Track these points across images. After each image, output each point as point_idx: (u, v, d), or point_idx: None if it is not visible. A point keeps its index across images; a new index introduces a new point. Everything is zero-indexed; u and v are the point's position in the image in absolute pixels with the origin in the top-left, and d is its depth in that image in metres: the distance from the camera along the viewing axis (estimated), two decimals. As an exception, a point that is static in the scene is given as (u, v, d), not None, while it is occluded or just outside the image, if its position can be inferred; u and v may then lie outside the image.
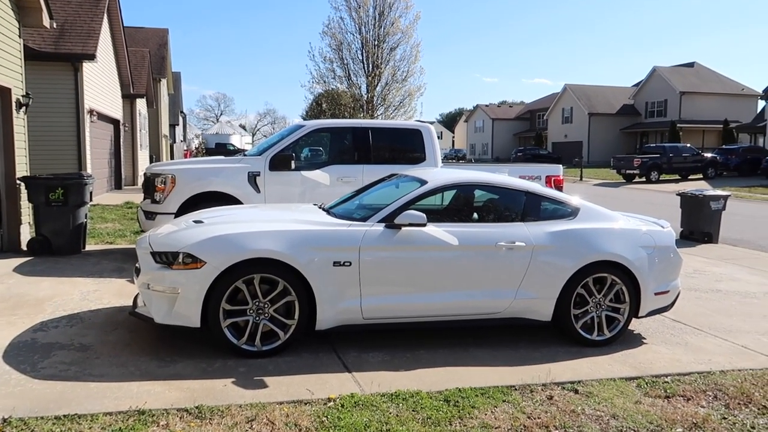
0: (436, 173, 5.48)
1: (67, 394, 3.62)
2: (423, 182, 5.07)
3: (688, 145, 33.57)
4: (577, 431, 3.45)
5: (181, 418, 3.37)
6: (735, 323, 5.82)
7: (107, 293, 6.07)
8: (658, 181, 29.39)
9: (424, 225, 4.59)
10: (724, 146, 35.90)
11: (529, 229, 4.92)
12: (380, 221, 4.67)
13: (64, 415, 3.32)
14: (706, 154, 31.75)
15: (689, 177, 30.77)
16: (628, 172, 30.45)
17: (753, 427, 3.60)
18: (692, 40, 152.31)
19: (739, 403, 3.93)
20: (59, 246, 8.07)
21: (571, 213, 5.16)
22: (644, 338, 5.25)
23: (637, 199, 21.59)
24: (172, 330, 4.54)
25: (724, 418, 3.71)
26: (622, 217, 5.39)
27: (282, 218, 4.83)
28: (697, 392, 4.10)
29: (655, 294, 5.14)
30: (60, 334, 4.76)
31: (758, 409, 3.86)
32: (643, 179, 29.88)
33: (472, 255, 4.73)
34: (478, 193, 5.46)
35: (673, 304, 5.40)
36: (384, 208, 4.77)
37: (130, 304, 5.47)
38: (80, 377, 3.89)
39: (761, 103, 41.20)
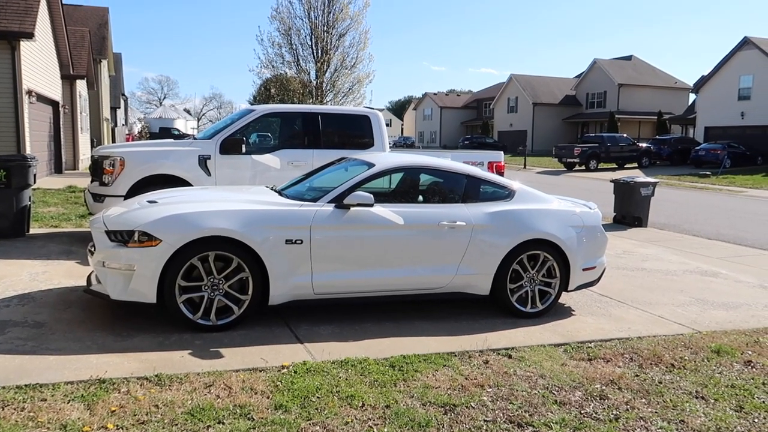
0: (383, 157, 5.77)
1: (26, 366, 3.74)
2: (370, 165, 5.35)
3: (625, 135, 35.20)
4: (508, 389, 3.83)
5: (141, 385, 3.55)
6: (655, 297, 6.39)
7: (57, 274, 6.09)
8: (596, 170, 30.74)
9: (371, 205, 4.87)
10: (657, 137, 37.79)
11: (469, 210, 5.28)
12: (330, 201, 4.92)
13: (26, 385, 3.45)
14: (641, 144, 33.41)
15: (625, 166, 32.30)
16: (568, 160, 31.71)
17: (660, 382, 4.09)
18: (631, 33, 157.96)
19: (651, 363, 4.42)
20: (2, 229, 7.92)
21: (508, 195, 5.56)
22: (573, 310, 5.73)
23: (576, 186, 22.58)
24: (126, 307, 4.67)
25: (637, 375, 4.19)
26: (555, 199, 5.83)
27: (235, 198, 5.02)
28: (616, 355, 4.58)
29: (583, 270, 5.62)
30: (12, 312, 4.81)
31: (666, 367, 4.36)
32: (583, 167, 31.19)
33: (417, 233, 5.05)
34: (422, 176, 5.78)
35: (599, 278, 5.91)
36: (333, 190, 5.02)
37: (81, 284, 5.55)
38: (38, 351, 4.00)
39: (692, 96, 43.46)
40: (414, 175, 5.74)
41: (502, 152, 9.63)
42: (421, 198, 5.60)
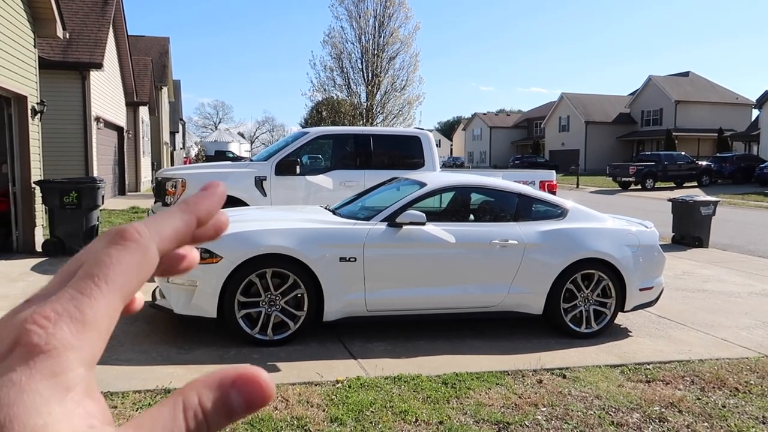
0: (435, 176, 5.85)
1: (98, 375, 3.83)
2: (422, 184, 5.43)
3: (683, 153, 34.05)
4: (563, 409, 3.79)
5: (203, 395, 3.70)
6: (717, 319, 6.16)
7: (123, 290, 6.39)
8: (653, 189, 29.81)
9: (423, 223, 4.95)
10: (718, 154, 36.39)
11: (521, 229, 5.27)
12: (383, 220, 5.02)
13: (98, 393, 3.65)
14: (700, 162, 32.20)
15: (684, 184, 31.17)
16: (623, 179, 30.88)
17: (724, 406, 3.95)
18: (687, 50, 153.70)
19: (713, 387, 4.28)
20: (73, 247, 8.39)
21: (560, 214, 5.52)
22: (630, 331, 5.60)
23: (632, 205, 21.97)
24: (188, 322, 4.87)
25: (699, 399, 4.06)
26: (609, 218, 5.75)
27: (292, 217, 5.20)
28: (676, 378, 4.45)
29: (640, 290, 5.49)
30: (84, 325, 5.09)
31: (730, 391, 4.21)
32: (639, 187, 30.30)
33: (468, 252, 5.08)
34: (474, 195, 5.82)
35: (657, 299, 5.75)
36: (386, 209, 5.13)
37: (145, 300, 5.82)
38: (108, 361, 4.22)
39: (755, 112, 41.76)
40: (465, 194, 5.79)
41: (553, 171, 9.55)
42: (472, 217, 5.63)
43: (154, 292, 5.21)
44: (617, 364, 4.68)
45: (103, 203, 9.01)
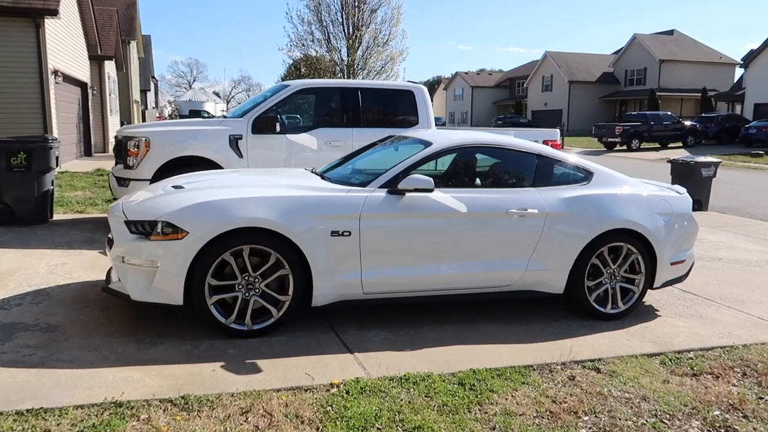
0: (441, 134, 5.04)
1: (31, 383, 3.16)
2: (427, 144, 4.63)
3: (669, 113, 33.55)
4: (609, 417, 3.12)
5: (164, 410, 2.94)
6: (745, 293, 5.58)
7: (77, 266, 5.56)
8: (638, 149, 29.38)
9: (431, 190, 4.16)
10: (703, 114, 35.99)
11: (542, 195, 4.53)
12: (382, 186, 4.23)
13: (27, 410, 2.86)
14: (686, 122, 31.77)
15: (669, 145, 30.80)
16: (609, 140, 30.37)
17: (795, 409, 3.33)
18: (672, 9, 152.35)
19: (772, 381, 3.65)
20: (23, 215, 7.47)
21: (584, 177, 4.79)
22: (657, 310, 4.97)
23: (620, 166, 21.39)
24: (151, 308, 4.06)
25: (761, 398, 3.43)
26: (638, 182, 5.03)
27: (273, 183, 4.36)
28: (725, 369, 3.82)
29: (671, 264, 4.84)
30: (24, 312, 4.26)
31: (795, 387, 3.59)
32: (624, 147, 29.85)
33: (482, 223, 4.33)
34: (487, 157, 5.03)
35: (687, 274, 5.11)
36: (385, 173, 4.32)
37: (102, 278, 4.99)
38: (47, 363, 3.42)
39: (738, 72, 41.37)
40: (477, 155, 4.99)
41: (557, 130, 8.80)
42: (485, 181, 4.85)
43: (109, 272, 4.38)
44: (655, 353, 4.03)
45: (58, 165, 8.04)
